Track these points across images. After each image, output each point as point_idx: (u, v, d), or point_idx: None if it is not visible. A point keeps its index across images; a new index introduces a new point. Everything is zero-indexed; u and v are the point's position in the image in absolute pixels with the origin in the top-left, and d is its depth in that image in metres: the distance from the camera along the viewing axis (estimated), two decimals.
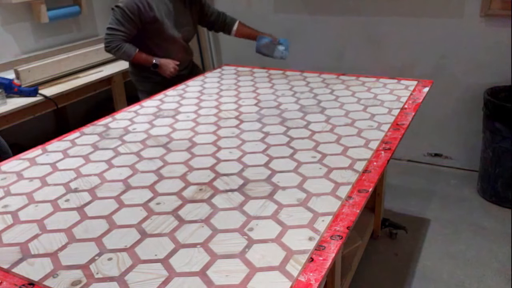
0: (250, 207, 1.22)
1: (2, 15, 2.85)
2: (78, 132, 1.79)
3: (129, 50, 2.31)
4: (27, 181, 1.42)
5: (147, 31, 2.34)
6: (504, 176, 2.67)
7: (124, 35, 2.29)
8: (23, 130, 2.94)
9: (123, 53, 2.31)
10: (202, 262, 1.01)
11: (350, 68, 2.83)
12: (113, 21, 2.29)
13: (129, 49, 2.31)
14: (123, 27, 2.27)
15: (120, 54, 2.32)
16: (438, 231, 2.55)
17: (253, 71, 2.55)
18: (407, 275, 2.23)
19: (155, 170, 1.45)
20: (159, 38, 2.38)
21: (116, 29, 2.28)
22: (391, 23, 3.07)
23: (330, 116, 1.84)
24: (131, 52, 2.31)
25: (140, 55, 2.34)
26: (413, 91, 2.09)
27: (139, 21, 2.29)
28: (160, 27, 2.34)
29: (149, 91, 2.39)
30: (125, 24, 2.27)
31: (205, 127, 1.78)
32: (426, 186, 3.01)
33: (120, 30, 2.28)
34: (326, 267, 0.99)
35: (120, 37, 2.28)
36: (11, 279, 1.00)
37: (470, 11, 2.82)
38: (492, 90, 2.77)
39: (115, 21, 2.28)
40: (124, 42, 2.30)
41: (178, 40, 2.44)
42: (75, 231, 1.15)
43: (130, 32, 2.30)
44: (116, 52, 2.31)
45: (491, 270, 2.23)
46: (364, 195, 1.26)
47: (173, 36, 2.40)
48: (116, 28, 2.28)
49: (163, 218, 1.19)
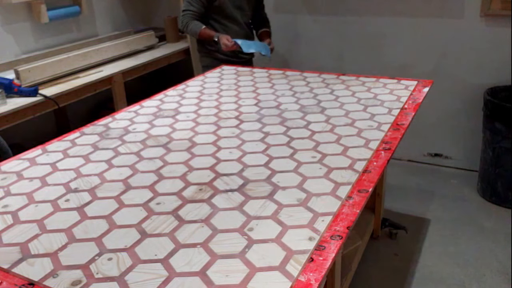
0: (250, 207, 1.22)
1: (2, 15, 2.85)
2: (78, 132, 1.79)
3: (195, 27, 2.62)
4: (27, 181, 1.42)
5: (211, 10, 2.66)
6: (504, 176, 2.67)
7: (193, 14, 2.63)
8: (23, 130, 2.94)
9: (190, 30, 2.65)
10: (202, 262, 1.01)
11: (350, 68, 2.83)
12: (185, 3, 2.66)
13: (195, 26, 2.62)
14: (192, 6, 2.63)
15: (188, 31, 2.68)
16: (438, 231, 2.55)
17: (253, 71, 2.55)
18: (407, 275, 2.23)
19: (155, 170, 1.45)
20: (221, 16, 2.68)
21: (186, 10, 2.64)
22: (391, 23, 3.07)
23: (330, 116, 1.84)
24: (197, 29, 2.62)
25: (205, 31, 2.63)
26: (413, 91, 2.09)
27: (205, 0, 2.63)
28: (221, 6, 2.64)
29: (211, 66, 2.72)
30: (194, 4, 2.63)
31: (205, 127, 1.78)
32: (426, 186, 3.01)
33: (189, 10, 2.63)
34: (326, 267, 0.99)
35: (189, 16, 2.63)
36: (11, 279, 1.00)
37: (470, 11, 2.82)
38: (492, 90, 2.77)
39: (186, 3, 2.66)
40: (194, 20, 2.63)
41: (239, 21, 2.72)
42: (75, 231, 1.15)
43: (198, 11, 2.64)
44: (185, 29, 2.67)
45: (491, 270, 2.23)
46: (364, 195, 1.26)
47: (233, 16, 2.70)
48: (186, 8, 2.64)
49: (163, 218, 1.19)
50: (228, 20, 2.71)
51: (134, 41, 3.36)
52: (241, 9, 2.74)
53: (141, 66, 3.19)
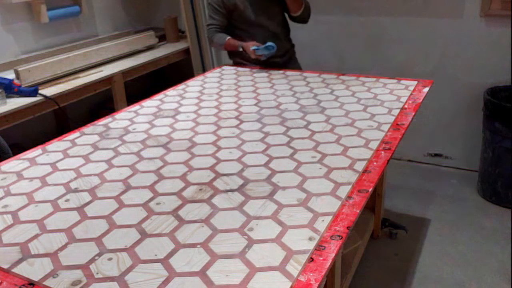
0: (250, 207, 1.22)
1: (2, 15, 2.85)
2: (78, 132, 1.79)
3: (220, 40, 2.52)
4: (27, 181, 1.42)
5: (233, 19, 2.56)
6: (504, 176, 2.67)
7: (216, 27, 2.54)
8: (23, 130, 2.94)
9: (216, 43, 2.56)
10: (202, 262, 1.01)
11: (350, 68, 2.83)
12: (208, 17, 2.61)
13: (220, 39, 2.52)
14: (214, 20, 2.54)
15: (214, 44, 2.59)
16: (438, 231, 2.55)
17: (253, 71, 2.55)
18: (407, 275, 2.23)
19: (155, 170, 1.45)
20: (244, 24, 2.55)
21: (209, 24, 2.56)
22: (391, 23, 3.07)
23: (330, 116, 1.84)
24: (221, 41, 2.52)
25: (229, 42, 2.51)
26: (413, 91, 2.09)
27: (225, 10, 2.51)
28: (241, 13, 2.51)
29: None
30: (215, 17, 2.53)
31: (205, 127, 1.78)
32: (426, 186, 3.01)
33: (212, 24, 2.55)
34: (326, 267, 0.99)
35: (213, 29, 2.54)
36: (11, 279, 1.00)
37: (470, 11, 2.82)
38: (492, 90, 2.77)
39: (208, 17, 2.59)
40: (217, 33, 2.53)
41: (264, 25, 2.55)
42: (75, 231, 1.15)
43: (221, 23, 2.54)
44: (210, 43, 2.62)
45: (491, 270, 2.23)
46: (364, 195, 1.26)
47: (257, 21, 2.53)
48: (209, 22, 2.56)
49: (163, 218, 1.19)
50: (252, 27, 2.54)
51: (134, 41, 3.36)
52: (265, 12, 2.53)
53: (141, 66, 3.18)
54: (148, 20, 4.04)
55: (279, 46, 2.52)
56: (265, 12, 2.54)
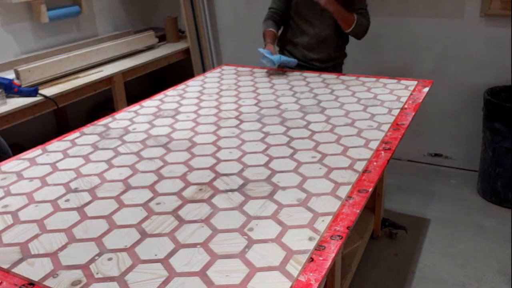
0: (250, 207, 1.22)
1: (2, 15, 2.85)
2: (78, 132, 1.79)
3: (264, 27, 2.56)
4: (27, 181, 1.42)
5: (291, 8, 2.56)
6: (504, 176, 2.67)
7: (274, 11, 2.57)
8: (23, 130, 2.94)
9: (262, 28, 2.57)
10: (202, 262, 1.01)
11: (350, 68, 2.83)
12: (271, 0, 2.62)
13: (264, 26, 2.55)
14: (274, 3, 2.58)
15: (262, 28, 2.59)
16: (438, 231, 2.55)
17: (253, 71, 2.55)
18: (407, 275, 2.23)
19: (155, 170, 1.45)
20: (297, 16, 2.54)
21: (270, 7, 2.60)
22: (391, 23, 3.07)
23: (330, 116, 1.84)
24: (263, 28, 2.55)
25: (265, 33, 2.53)
26: (413, 91, 2.09)
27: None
28: (296, 5, 2.52)
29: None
30: (276, 1, 2.57)
31: (205, 127, 1.78)
32: (426, 186, 3.01)
33: (271, 7, 2.59)
34: (326, 267, 0.99)
35: (269, 14, 2.59)
36: (11, 279, 1.00)
37: (470, 11, 2.82)
38: (492, 90, 2.77)
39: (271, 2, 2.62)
40: (270, 19, 2.56)
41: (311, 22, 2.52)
42: (75, 231, 1.15)
43: (279, 8, 2.56)
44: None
45: (491, 270, 2.24)
46: (364, 195, 1.26)
47: (307, 16, 2.52)
48: (270, 6, 2.60)
49: (163, 218, 1.19)
50: (302, 21, 2.52)
51: (134, 41, 3.36)
52: (318, 12, 2.46)
53: (141, 66, 3.19)
54: (148, 20, 4.04)
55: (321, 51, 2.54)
56: (319, 13, 2.46)
